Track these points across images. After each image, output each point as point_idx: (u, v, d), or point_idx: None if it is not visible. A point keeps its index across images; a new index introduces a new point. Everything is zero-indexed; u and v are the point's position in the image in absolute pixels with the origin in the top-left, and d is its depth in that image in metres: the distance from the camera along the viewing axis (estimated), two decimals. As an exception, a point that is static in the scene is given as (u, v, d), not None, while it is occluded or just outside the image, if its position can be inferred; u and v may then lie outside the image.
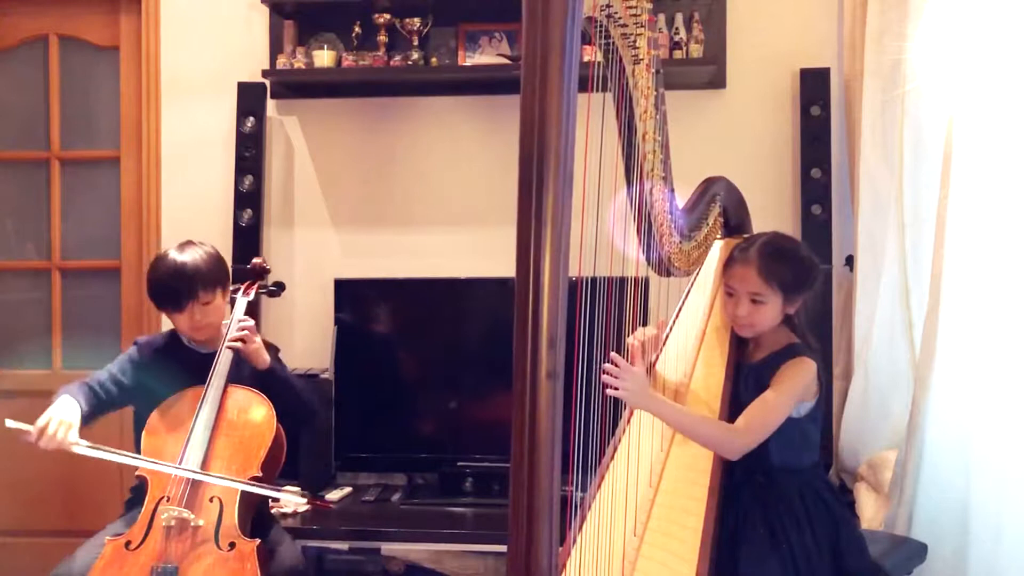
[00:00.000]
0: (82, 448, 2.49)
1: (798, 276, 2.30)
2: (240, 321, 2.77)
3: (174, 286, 2.73)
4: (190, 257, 2.76)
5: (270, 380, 2.77)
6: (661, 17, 3.49)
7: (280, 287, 3.14)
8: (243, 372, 2.78)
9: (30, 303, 4.04)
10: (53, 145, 4.00)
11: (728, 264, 2.34)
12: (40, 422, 2.49)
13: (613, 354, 2.08)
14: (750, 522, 2.21)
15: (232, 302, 2.93)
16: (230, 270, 2.92)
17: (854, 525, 2.44)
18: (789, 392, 2.20)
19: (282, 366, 2.92)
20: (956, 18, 2.69)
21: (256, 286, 3.01)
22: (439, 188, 3.78)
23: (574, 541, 1.83)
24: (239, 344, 2.73)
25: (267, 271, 3.10)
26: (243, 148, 3.71)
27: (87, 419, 2.64)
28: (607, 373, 2.03)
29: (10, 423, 2.49)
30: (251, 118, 3.70)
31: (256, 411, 2.69)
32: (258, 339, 2.77)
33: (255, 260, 3.10)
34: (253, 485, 2.54)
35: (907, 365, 3.12)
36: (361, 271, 3.74)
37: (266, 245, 3.79)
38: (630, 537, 1.94)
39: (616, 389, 2.02)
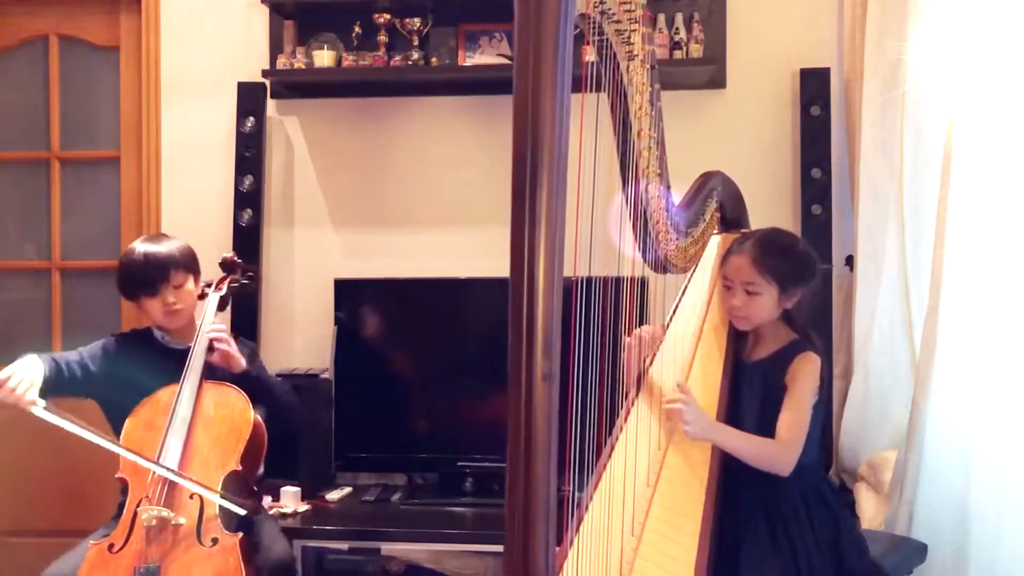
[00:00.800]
0: (39, 410, 2.40)
1: (793, 269, 2.30)
2: (212, 327, 2.76)
3: (148, 270, 2.75)
4: (159, 245, 2.80)
5: (245, 384, 2.76)
6: (661, 17, 3.49)
7: (253, 279, 3.12)
8: (217, 369, 2.77)
9: (30, 303, 4.05)
10: (53, 145, 4.00)
11: (726, 256, 2.35)
12: (2, 375, 2.41)
13: (679, 382, 2.15)
14: (752, 521, 2.21)
15: (204, 297, 2.94)
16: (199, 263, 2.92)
17: (854, 525, 2.44)
18: (807, 391, 2.23)
19: (258, 366, 2.91)
20: (956, 18, 2.68)
21: (228, 281, 3.00)
22: (439, 188, 3.77)
23: (571, 542, 1.82)
24: (214, 353, 2.72)
25: (238, 264, 3.07)
26: (243, 148, 3.71)
27: (51, 392, 2.58)
28: (672, 405, 2.08)
29: None
30: (251, 118, 3.70)
31: (232, 405, 2.68)
32: (232, 345, 2.76)
33: (225, 255, 3.09)
34: (203, 487, 2.50)
35: (907, 365, 3.12)
36: (361, 271, 3.74)
37: (266, 245, 3.79)
38: (628, 538, 1.94)
39: (685, 424, 2.08)
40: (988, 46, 2.52)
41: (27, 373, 2.46)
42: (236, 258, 3.08)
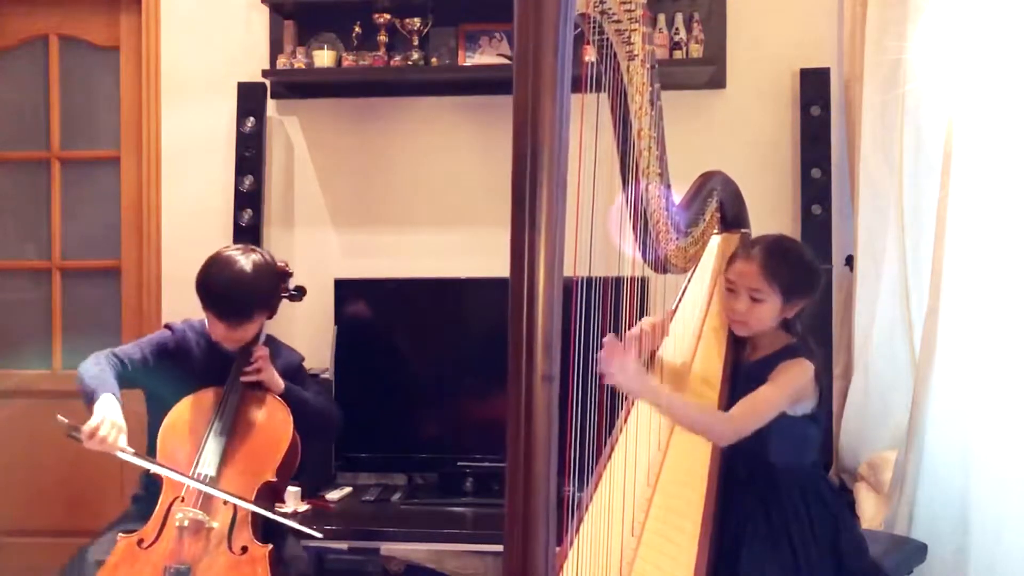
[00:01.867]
0: (128, 456, 2.44)
1: (800, 279, 2.29)
2: (257, 353, 2.73)
3: (233, 299, 2.69)
4: (249, 270, 2.69)
5: (286, 402, 2.76)
6: (661, 17, 3.49)
7: (301, 291, 3.03)
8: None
9: (30, 303, 4.05)
10: (53, 145, 4.00)
11: (732, 259, 2.34)
12: (92, 423, 2.41)
13: (607, 338, 2.01)
14: (752, 522, 2.21)
15: None
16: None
17: (854, 525, 2.44)
18: (783, 388, 2.19)
19: (300, 382, 2.89)
20: (956, 18, 2.68)
21: (280, 290, 2.98)
22: (439, 188, 3.77)
23: (571, 543, 1.82)
24: (254, 377, 2.70)
25: (290, 275, 3.00)
26: (243, 148, 3.71)
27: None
28: (600, 362, 1.96)
29: (61, 419, 2.41)
30: (251, 118, 3.70)
31: (273, 415, 2.69)
32: (269, 369, 2.73)
33: (278, 263, 3.00)
34: (259, 507, 2.51)
35: (907, 365, 3.12)
36: (361, 271, 3.74)
37: (266, 245, 3.78)
38: (628, 538, 1.94)
39: (609, 376, 1.97)
40: (988, 46, 2.52)
41: (116, 418, 2.46)
42: (287, 268, 3.00)
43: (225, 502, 2.48)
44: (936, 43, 2.85)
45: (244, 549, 2.42)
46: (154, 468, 2.50)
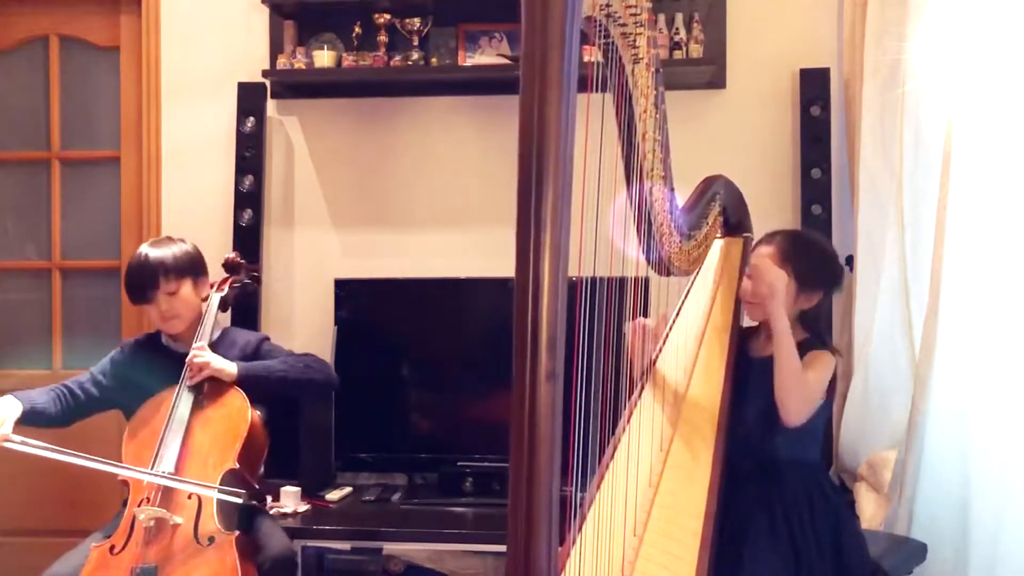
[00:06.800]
0: (15, 444, 2.51)
1: (815, 267, 2.32)
2: (194, 350, 2.74)
3: (138, 278, 2.78)
4: (157, 250, 2.81)
5: (249, 385, 2.76)
6: (661, 17, 3.48)
7: (255, 280, 3.12)
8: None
9: (30, 303, 4.05)
10: (53, 145, 4.00)
11: (756, 246, 2.40)
12: None
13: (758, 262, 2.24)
14: (754, 519, 2.21)
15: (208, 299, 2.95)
16: (206, 265, 2.94)
17: (855, 524, 2.45)
18: (820, 375, 2.24)
19: (265, 357, 2.91)
20: (956, 18, 2.69)
21: (230, 281, 3.01)
22: (439, 188, 3.77)
23: (574, 542, 1.82)
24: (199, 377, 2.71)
25: (241, 265, 3.07)
26: (243, 148, 3.71)
27: (62, 419, 2.74)
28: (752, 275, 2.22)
29: None
30: (251, 118, 3.70)
31: (229, 404, 2.69)
32: (210, 360, 2.72)
33: (228, 255, 3.09)
34: (196, 484, 2.51)
35: (907, 365, 3.12)
36: (361, 271, 3.74)
37: (266, 245, 3.79)
38: (630, 538, 1.94)
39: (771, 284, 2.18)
40: (988, 46, 2.52)
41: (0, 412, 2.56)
42: (239, 258, 3.08)
43: (190, 495, 2.50)
44: (936, 43, 2.85)
45: (211, 539, 2.44)
46: (50, 455, 2.50)
